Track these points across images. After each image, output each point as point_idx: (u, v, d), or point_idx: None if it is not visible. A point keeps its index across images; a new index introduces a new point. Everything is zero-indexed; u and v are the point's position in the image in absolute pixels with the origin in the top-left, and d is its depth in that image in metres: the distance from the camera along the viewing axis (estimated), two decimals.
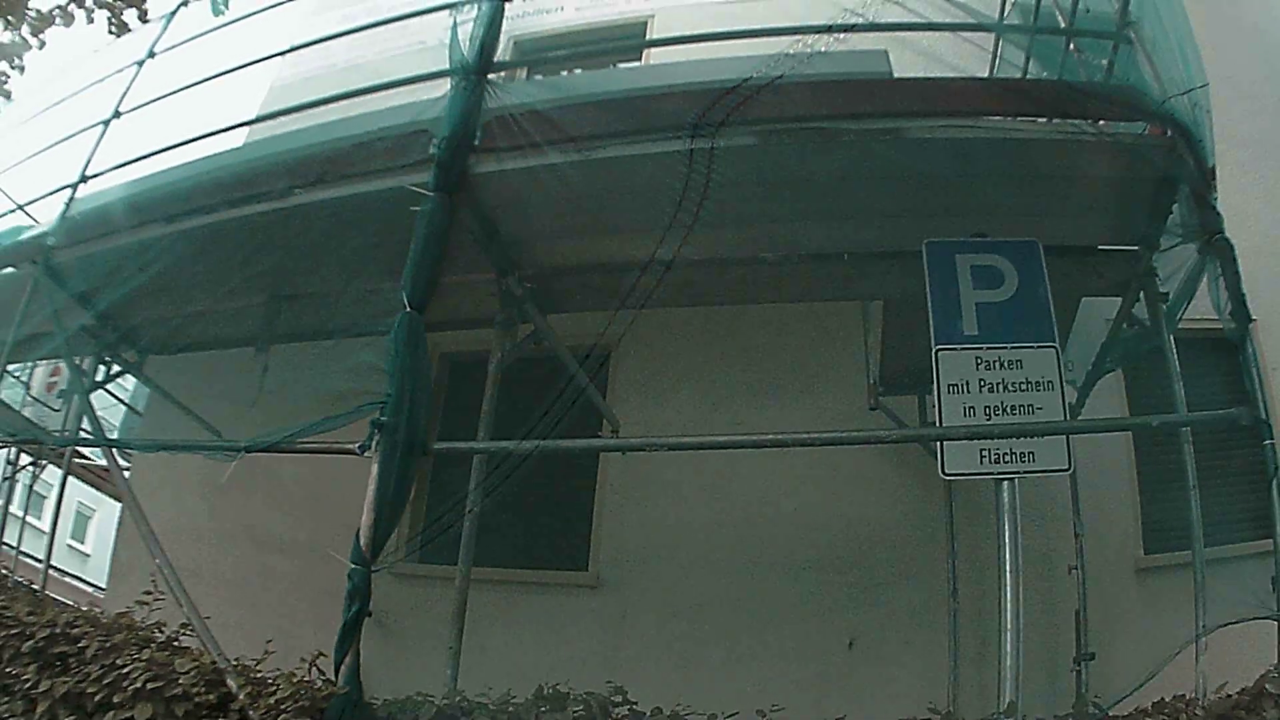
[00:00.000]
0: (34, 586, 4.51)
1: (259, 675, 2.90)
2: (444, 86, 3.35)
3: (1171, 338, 3.28)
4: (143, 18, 4.99)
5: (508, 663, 3.62)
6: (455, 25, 3.57)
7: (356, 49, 5.49)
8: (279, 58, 5.09)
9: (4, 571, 4.28)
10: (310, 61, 5.45)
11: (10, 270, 4.66)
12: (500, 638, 3.73)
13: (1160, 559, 3.99)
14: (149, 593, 3.35)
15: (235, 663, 2.93)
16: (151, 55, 4.83)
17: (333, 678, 2.74)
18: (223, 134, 4.11)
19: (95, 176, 4.43)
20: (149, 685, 2.85)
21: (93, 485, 7.84)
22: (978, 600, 3.64)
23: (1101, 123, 3.10)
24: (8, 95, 5.35)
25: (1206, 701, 2.33)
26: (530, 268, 3.49)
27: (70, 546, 10.24)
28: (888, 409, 3.99)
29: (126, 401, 5.38)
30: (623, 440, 3.64)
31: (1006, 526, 2.83)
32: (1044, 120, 3.11)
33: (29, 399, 5.68)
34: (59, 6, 5.18)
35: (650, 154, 2.99)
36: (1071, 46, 3.81)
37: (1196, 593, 2.81)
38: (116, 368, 4.60)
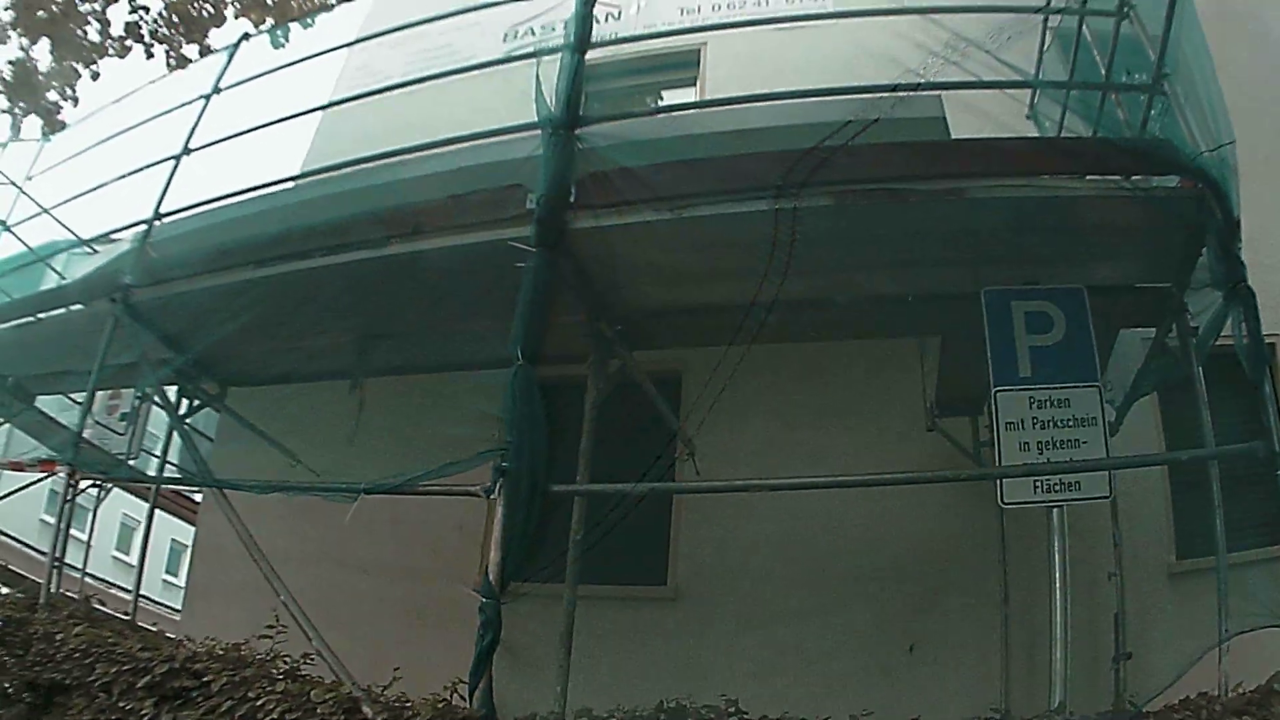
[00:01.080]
0: (121, 615, 5.16)
1: (391, 700, 3.49)
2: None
3: (1200, 368, 4.02)
4: (205, 52, 5.54)
5: (597, 675, 4.34)
6: (539, 79, 4.21)
7: (414, 72, 6.08)
8: (331, 82, 5.70)
9: (97, 604, 4.91)
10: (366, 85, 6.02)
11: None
12: (587, 651, 4.42)
13: (1190, 564, 4.76)
14: (272, 626, 3.93)
15: (366, 689, 3.53)
16: (217, 91, 5.39)
17: (467, 702, 3.38)
18: (311, 175, 4.69)
19: (170, 215, 5.03)
20: (286, 716, 3.32)
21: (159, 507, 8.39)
22: (1027, 606, 4.39)
23: (1137, 176, 3.81)
24: (60, 126, 5.87)
25: (1224, 699, 3.06)
26: (618, 308, 4.16)
27: (115, 558, 11.09)
28: (944, 430, 4.73)
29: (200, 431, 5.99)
30: (728, 482, 4.26)
31: (1056, 546, 3.56)
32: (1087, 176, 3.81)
33: (93, 423, 6.30)
34: (113, 38, 5.72)
35: (738, 214, 3.66)
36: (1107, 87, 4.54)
37: (1220, 602, 3.56)
38: (196, 400, 5.22)
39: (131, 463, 6.13)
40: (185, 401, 5.16)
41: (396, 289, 4.24)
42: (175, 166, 5.21)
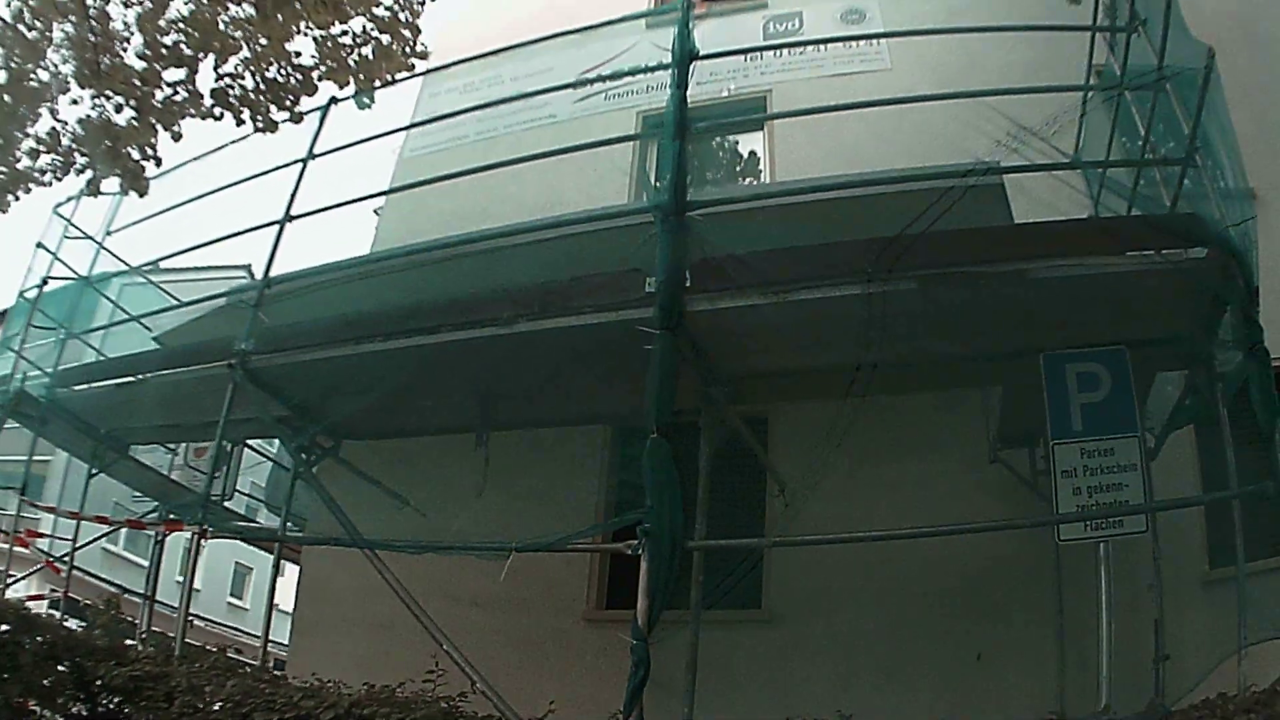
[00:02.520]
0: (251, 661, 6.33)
1: None
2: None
3: (1225, 410, 5.28)
4: (296, 120, 6.56)
5: (707, 693, 5.59)
6: (646, 165, 5.36)
7: (486, 120, 7.19)
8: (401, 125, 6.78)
9: (234, 654, 6.04)
10: (438, 133, 7.10)
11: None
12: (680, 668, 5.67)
13: (1220, 573, 6.08)
14: (431, 671, 5.08)
15: None
16: (312, 156, 6.45)
17: None
18: (426, 249, 5.80)
19: (282, 281, 6.14)
20: None
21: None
22: (1079, 617, 5.69)
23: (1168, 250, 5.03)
24: (146, 187, 6.86)
25: (1236, 699, 4.36)
26: (723, 372, 5.37)
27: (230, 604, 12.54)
28: (1005, 461, 6.02)
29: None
30: (835, 536, 5.39)
31: (1104, 572, 4.85)
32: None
33: (184, 465, 7.49)
34: (190, 92, 6.68)
35: (834, 297, 4.86)
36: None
37: (1240, 612, 4.87)
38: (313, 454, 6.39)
39: (227, 505, 7.34)
40: (301, 455, 6.29)
41: (521, 361, 5.41)
42: (280, 232, 6.32)
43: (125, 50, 7.43)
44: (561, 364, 5.36)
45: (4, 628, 5.52)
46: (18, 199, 7.89)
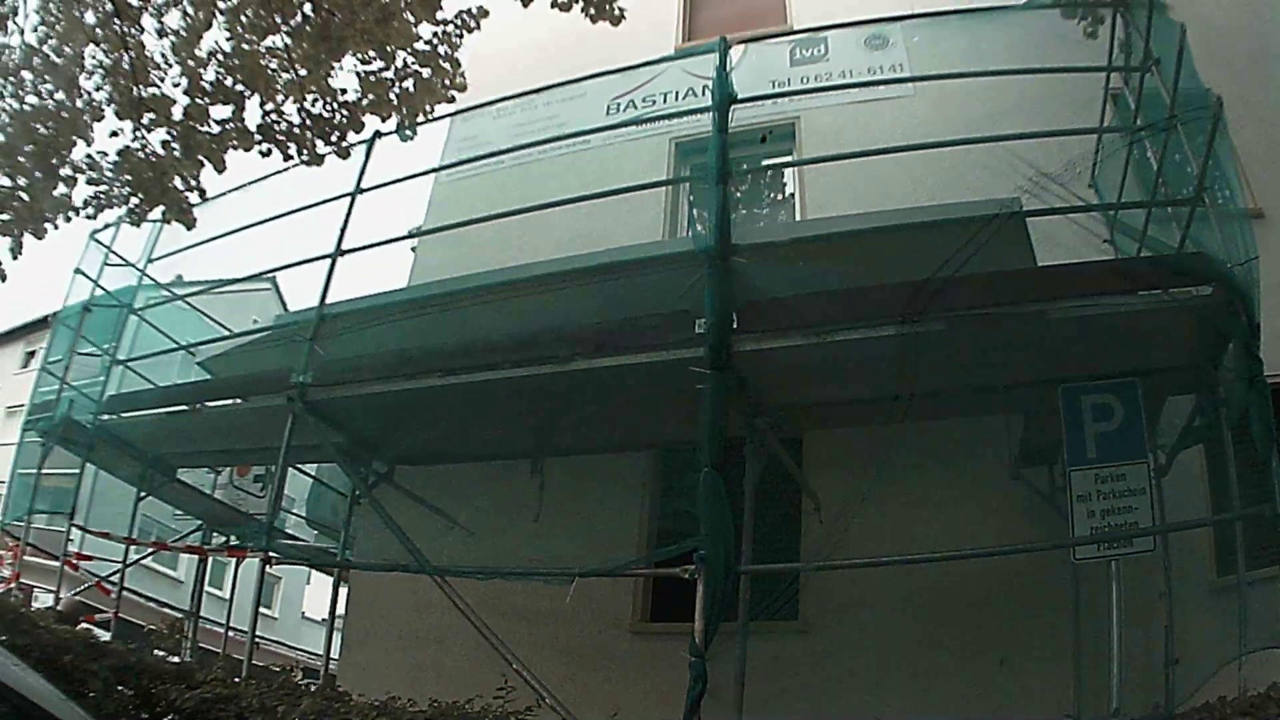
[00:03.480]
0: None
1: None
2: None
3: (1230, 434, 6.21)
4: (343, 155, 7.35)
5: (751, 702, 6.52)
6: (692, 213, 6.21)
7: (519, 140, 8.01)
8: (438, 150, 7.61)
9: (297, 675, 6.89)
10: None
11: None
12: (729, 679, 6.61)
13: (1228, 580, 7.04)
14: (501, 688, 5.95)
15: None
16: (360, 191, 7.26)
17: None
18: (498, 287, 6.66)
19: (337, 315, 6.97)
20: None
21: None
22: (1094, 624, 6.62)
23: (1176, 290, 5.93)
24: (192, 221, 7.64)
25: (1232, 702, 5.30)
26: (765, 404, 6.25)
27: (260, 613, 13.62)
28: (1026, 478, 6.95)
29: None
30: (873, 559, 6.32)
31: (1115, 586, 5.78)
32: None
33: (232, 485, 8.34)
34: (237, 127, 7.45)
35: (870, 338, 5.74)
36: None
37: (1240, 620, 5.82)
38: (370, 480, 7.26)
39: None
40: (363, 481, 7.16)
41: (576, 394, 6.28)
42: (332, 266, 7.14)
43: (163, 80, 8.25)
44: (614, 397, 6.23)
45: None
46: (56, 227, 8.72)
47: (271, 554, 6.69)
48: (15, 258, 8.95)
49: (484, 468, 7.43)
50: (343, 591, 8.06)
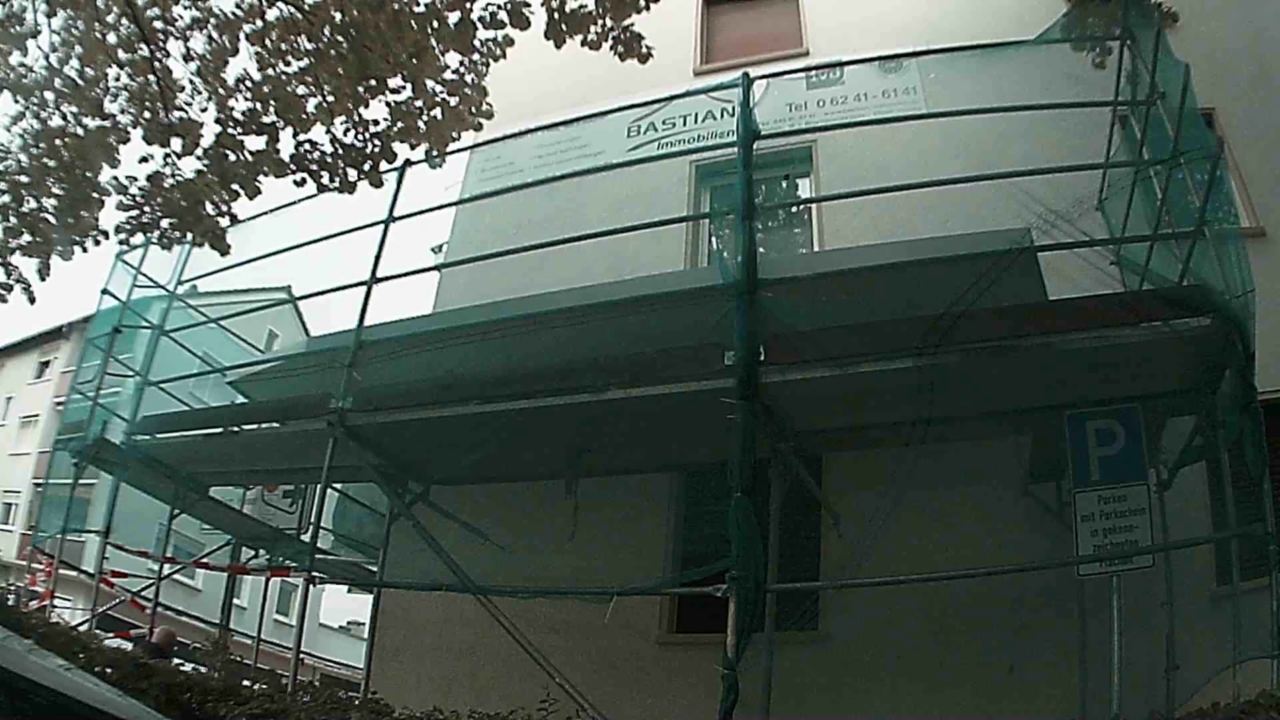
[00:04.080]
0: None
1: None
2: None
3: (1226, 454, 6.95)
4: (376, 184, 7.97)
5: (777, 710, 7.27)
6: (720, 249, 6.88)
7: (544, 159, 8.64)
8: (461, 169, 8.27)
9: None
10: (497, 176, 8.54)
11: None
12: (756, 688, 7.36)
13: (1227, 589, 7.82)
14: (545, 701, 6.70)
15: None
16: (393, 219, 7.90)
17: None
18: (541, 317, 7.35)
19: (374, 343, 7.63)
20: None
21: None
22: (1099, 632, 7.39)
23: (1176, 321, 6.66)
24: (224, 249, 8.25)
25: (1226, 708, 6.05)
26: (790, 428, 6.96)
27: (276, 620, 14.28)
28: (1034, 494, 7.69)
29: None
30: (894, 578, 7.02)
31: (1115, 599, 6.53)
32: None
33: (262, 501, 9.02)
34: (271, 155, 8.06)
35: (889, 370, 6.44)
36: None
37: (1235, 631, 6.58)
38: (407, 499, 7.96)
39: (304, 538, 8.91)
40: (401, 501, 7.85)
41: (610, 421, 6.97)
42: (368, 292, 7.80)
43: (190, 105, 8.86)
44: (646, 423, 6.93)
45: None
46: (85, 250, 9.34)
47: (315, 574, 7.36)
48: (43, 279, 9.57)
49: (517, 486, 8.13)
50: (366, 600, 8.77)
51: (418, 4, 7.63)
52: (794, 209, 9.30)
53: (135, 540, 10.08)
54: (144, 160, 8.76)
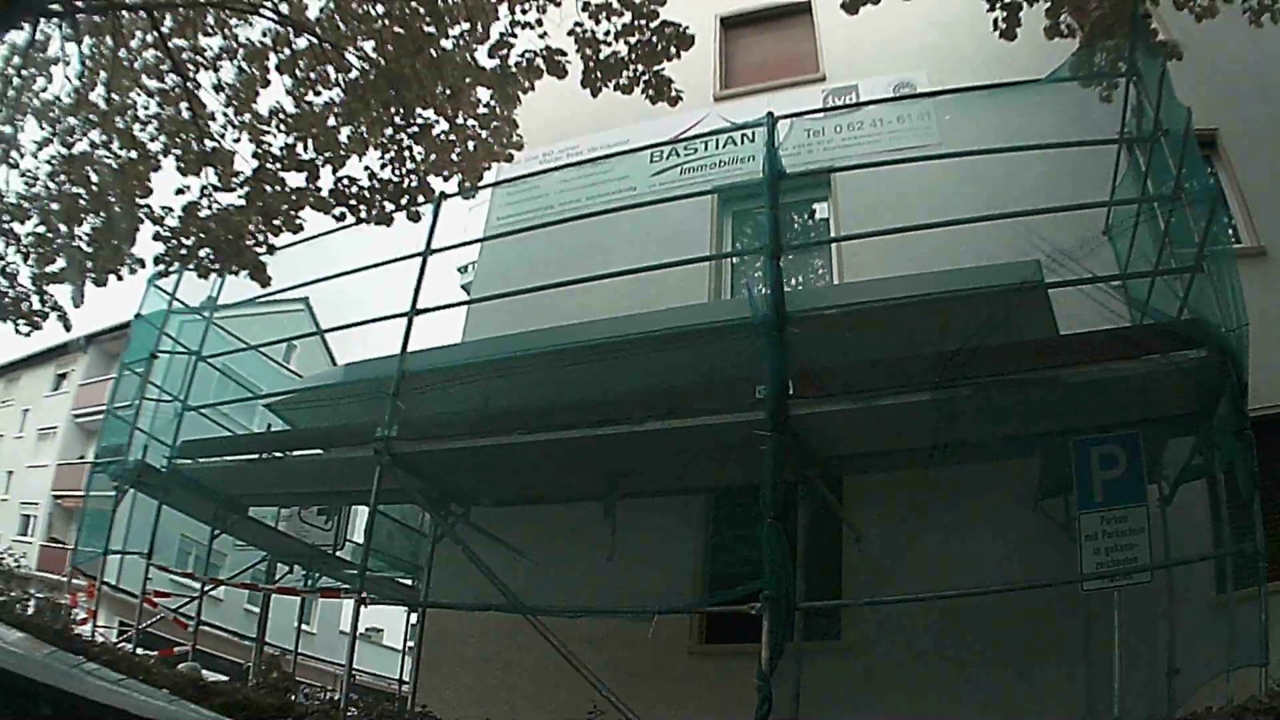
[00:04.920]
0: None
1: None
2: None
3: (1222, 474, 8.04)
4: (413, 218, 8.95)
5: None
6: (750, 289, 7.88)
7: (569, 189, 9.62)
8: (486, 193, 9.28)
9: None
10: (523, 202, 9.50)
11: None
12: (785, 696, 8.45)
13: (1224, 598, 8.96)
14: (591, 713, 7.77)
15: None
16: (430, 252, 8.87)
17: None
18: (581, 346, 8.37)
19: (416, 375, 8.62)
20: None
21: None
22: (1104, 640, 8.51)
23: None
24: (265, 281, 9.20)
25: (1217, 712, 7.17)
26: (816, 454, 8.01)
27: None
28: (1044, 509, 8.79)
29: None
30: (915, 595, 8.14)
31: (1116, 612, 7.64)
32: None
33: (298, 519, 10.03)
34: (305, 190, 8.99)
35: (909, 403, 7.49)
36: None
37: (1230, 639, 7.70)
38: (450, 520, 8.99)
39: (339, 554, 9.96)
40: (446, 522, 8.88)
41: (646, 450, 8.00)
42: (409, 326, 8.78)
43: (223, 136, 9.79)
44: (679, 450, 7.97)
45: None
46: (120, 278, 10.28)
47: (366, 595, 8.39)
48: (77, 306, 10.51)
49: (553, 507, 9.17)
50: (396, 612, 9.82)
51: (456, 48, 8.56)
52: (817, 232, 10.32)
53: (164, 557, 11.07)
54: (180, 192, 9.69)
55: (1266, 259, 10.05)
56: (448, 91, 8.59)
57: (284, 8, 8.78)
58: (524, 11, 8.31)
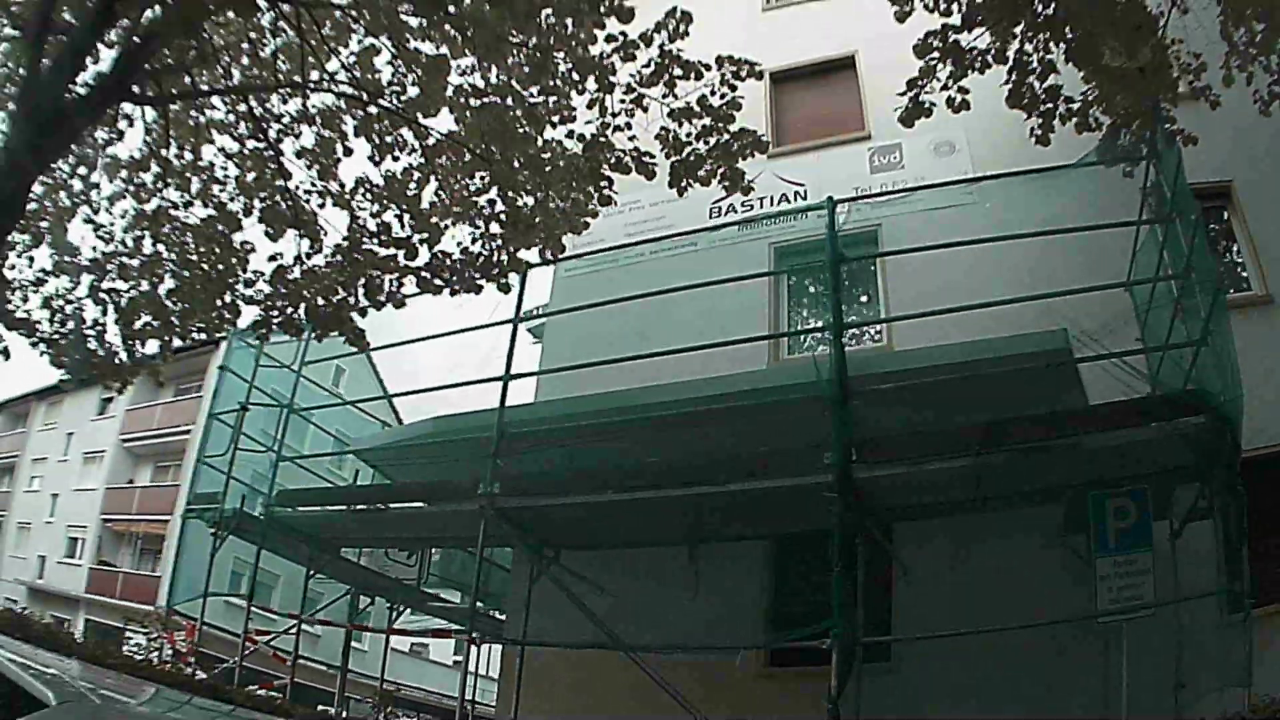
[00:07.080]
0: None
1: None
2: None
3: (1219, 516, 11.37)
4: (504, 289, 11.91)
5: None
6: (816, 362, 11.07)
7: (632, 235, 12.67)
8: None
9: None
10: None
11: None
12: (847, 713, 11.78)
13: (1234, 619, 12.38)
14: None
15: None
16: (520, 319, 11.92)
17: None
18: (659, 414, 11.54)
19: (518, 436, 11.71)
20: None
21: None
22: (1119, 658, 11.91)
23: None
24: (364, 347, 12.12)
25: None
26: (872, 508, 11.28)
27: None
28: (1068, 544, 12.15)
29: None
30: (956, 630, 11.51)
31: (1124, 642, 11.03)
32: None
33: (385, 555, 13.20)
34: (407, 269, 11.92)
35: (952, 468, 10.74)
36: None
37: (1222, 658, 11.11)
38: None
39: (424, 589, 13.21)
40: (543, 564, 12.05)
41: (725, 507, 11.22)
42: (505, 388, 11.86)
43: (308, 201, 12.70)
44: (754, 505, 11.23)
45: None
46: (214, 343, 13.22)
47: (476, 637, 11.62)
48: (165, 360, 13.40)
49: (632, 550, 12.43)
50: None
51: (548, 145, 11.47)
52: (869, 283, 13.56)
53: (230, 588, 14.23)
54: (273, 258, 12.56)
55: (1274, 307, 13.33)
56: (542, 182, 11.45)
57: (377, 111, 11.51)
58: (614, 115, 11.17)
